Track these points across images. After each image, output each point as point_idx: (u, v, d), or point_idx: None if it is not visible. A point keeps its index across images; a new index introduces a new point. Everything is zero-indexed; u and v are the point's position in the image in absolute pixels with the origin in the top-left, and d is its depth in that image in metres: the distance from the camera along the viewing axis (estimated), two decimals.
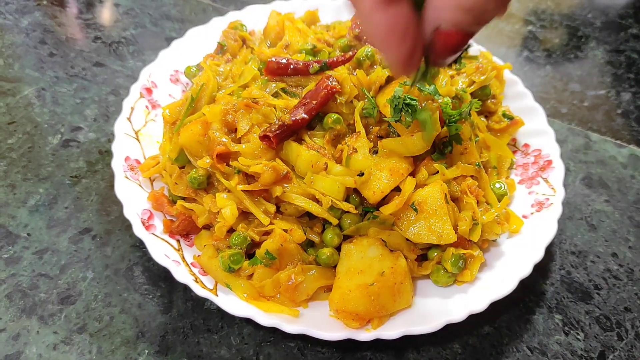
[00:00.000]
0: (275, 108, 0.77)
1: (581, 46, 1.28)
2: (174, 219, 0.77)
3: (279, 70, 0.81)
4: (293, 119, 0.73)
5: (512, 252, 0.77)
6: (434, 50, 0.44)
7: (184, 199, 0.77)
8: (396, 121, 0.73)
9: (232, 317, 0.73)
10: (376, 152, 0.74)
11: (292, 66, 0.81)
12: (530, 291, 0.80)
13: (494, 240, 0.78)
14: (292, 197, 0.72)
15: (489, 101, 0.92)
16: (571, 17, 1.37)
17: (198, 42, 0.99)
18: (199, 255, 0.75)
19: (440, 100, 0.75)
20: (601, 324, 0.77)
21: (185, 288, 0.76)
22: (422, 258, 0.75)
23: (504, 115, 0.91)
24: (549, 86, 1.16)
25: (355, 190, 0.73)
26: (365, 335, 0.66)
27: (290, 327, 0.66)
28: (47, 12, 1.20)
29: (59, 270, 0.77)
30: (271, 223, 0.72)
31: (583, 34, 1.31)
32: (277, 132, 0.72)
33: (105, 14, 1.23)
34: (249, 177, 0.74)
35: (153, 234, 0.74)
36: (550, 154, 0.87)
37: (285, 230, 0.71)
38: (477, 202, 0.76)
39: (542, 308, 0.78)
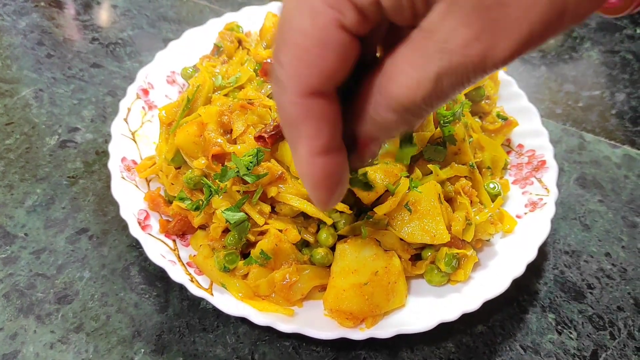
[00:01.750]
0: (270, 109, 0.77)
1: (576, 47, 1.29)
2: (170, 219, 0.78)
3: None
4: None
5: (505, 252, 0.77)
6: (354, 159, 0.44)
7: (182, 199, 0.77)
8: None
9: (228, 317, 0.74)
10: None
11: None
12: (523, 290, 0.80)
13: (487, 240, 0.79)
14: (287, 197, 0.72)
15: (483, 102, 0.93)
16: None
17: (194, 44, 0.99)
18: (194, 255, 0.75)
19: None
20: (594, 323, 0.78)
21: (181, 288, 0.77)
22: (416, 258, 0.76)
23: (498, 115, 0.91)
24: (544, 87, 1.17)
25: (350, 191, 0.74)
26: (359, 334, 0.67)
27: (285, 326, 0.66)
28: (44, 14, 1.20)
29: (56, 270, 0.78)
30: (266, 223, 0.72)
31: (578, 35, 1.32)
32: (272, 132, 0.72)
33: (103, 16, 1.23)
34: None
35: (149, 234, 0.75)
36: (544, 154, 0.88)
37: (280, 230, 0.72)
38: (471, 203, 0.77)
39: (535, 307, 0.79)
